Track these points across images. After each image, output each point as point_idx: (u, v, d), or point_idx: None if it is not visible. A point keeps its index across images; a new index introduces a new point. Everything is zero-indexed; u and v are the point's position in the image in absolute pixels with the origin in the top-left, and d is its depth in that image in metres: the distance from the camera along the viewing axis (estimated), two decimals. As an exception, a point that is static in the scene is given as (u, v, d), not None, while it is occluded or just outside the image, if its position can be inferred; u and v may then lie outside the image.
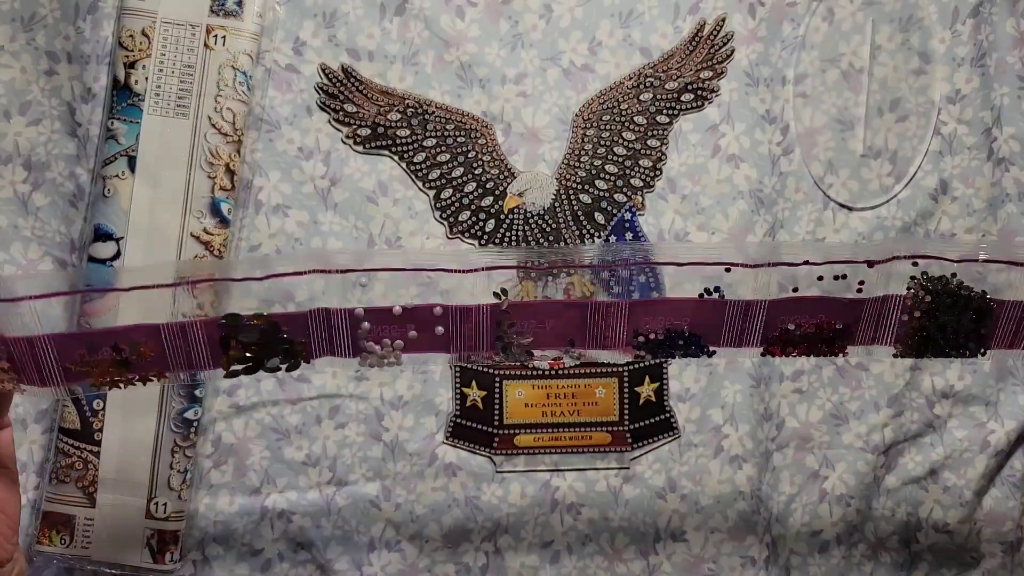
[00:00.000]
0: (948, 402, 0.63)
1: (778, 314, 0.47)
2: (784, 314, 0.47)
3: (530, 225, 0.59)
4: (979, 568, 0.64)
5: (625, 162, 0.59)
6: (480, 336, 0.47)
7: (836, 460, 0.62)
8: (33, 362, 0.45)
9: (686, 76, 0.59)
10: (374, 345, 0.47)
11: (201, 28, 0.55)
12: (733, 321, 0.47)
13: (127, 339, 0.46)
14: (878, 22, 0.61)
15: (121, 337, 0.46)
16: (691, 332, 0.47)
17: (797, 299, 0.47)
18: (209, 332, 0.46)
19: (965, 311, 0.48)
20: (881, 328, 0.48)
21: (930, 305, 0.47)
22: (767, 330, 0.47)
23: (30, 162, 0.56)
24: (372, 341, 0.47)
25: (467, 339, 0.48)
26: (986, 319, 0.48)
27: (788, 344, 0.47)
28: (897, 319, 0.48)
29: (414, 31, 0.58)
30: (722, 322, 0.47)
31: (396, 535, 0.59)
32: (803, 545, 0.62)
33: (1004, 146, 0.62)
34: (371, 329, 0.47)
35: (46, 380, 0.45)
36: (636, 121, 0.59)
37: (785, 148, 0.61)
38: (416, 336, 0.47)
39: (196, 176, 0.55)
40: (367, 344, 0.47)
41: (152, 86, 0.54)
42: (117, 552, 0.55)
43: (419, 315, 0.47)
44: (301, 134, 0.57)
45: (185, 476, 0.56)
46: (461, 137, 0.58)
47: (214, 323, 0.46)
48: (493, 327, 0.47)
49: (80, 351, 0.46)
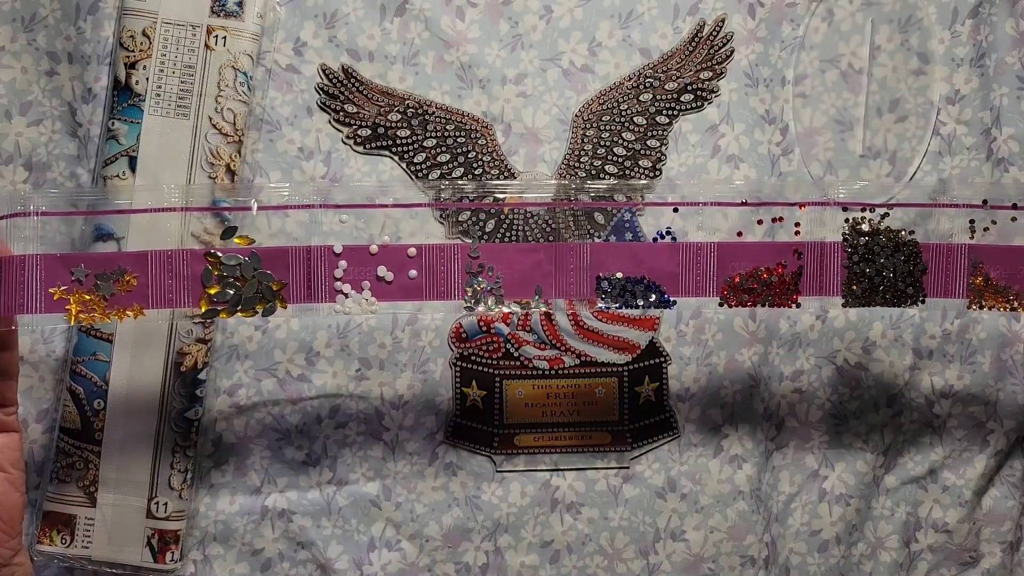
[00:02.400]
0: (948, 402, 0.63)
1: (728, 259, 0.50)
2: (734, 259, 0.50)
3: (530, 225, 0.59)
4: (978, 568, 0.64)
5: (625, 162, 0.59)
6: (451, 280, 0.49)
7: (836, 460, 0.62)
8: (20, 284, 0.44)
9: (686, 77, 0.59)
10: (350, 288, 0.49)
11: (202, 28, 0.55)
12: (687, 265, 0.50)
13: (114, 265, 0.46)
14: (877, 23, 0.61)
15: (108, 263, 0.46)
16: (650, 279, 0.50)
17: (743, 244, 0.51)
18: (193, 266, 0.47)
19: (897, 252, 0.50)
20: (826, 276, 0.51)
21: (865, 249, 0.50)
22: (719, 276, 0.50)
23: (31, 162, 0.57)
24: (348, 283, 0.49)
25: (440, 284, 0.49)
26: (918, 261, 0.51)
27: (742, 292, 0.50)
28: (840, 266, 0.51)
29: (414, 32, 0.58)
30: (678, 267, 0.50)
31: (396, 535, 0.59)
32: (802, 544, 0.62)
33: (1003, 146, 0.62)
34: (347, 268, 0.49)
35: (27, 306, 0.45)
36: (636, 121, 0.59)
37: (785, 148, 0.61)
38: (391, 278, 0.49)
39: (197, 176, 0.55)
40: (343, 287, 0.49)
41: (153, 86, 0.55)
42: (118, 552, 0.55)
43: (393, 255, 0.49)
44: (302, 134, 0.58)
45: (186, 476, 0.56)
46: (461, 137, 0.58)
47: (200, 255, 0.47)
48: (464, 272, 0.49)
49: (64, 275, 0.45)
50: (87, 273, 0.46)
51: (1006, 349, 0.63)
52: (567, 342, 0.59)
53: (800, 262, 0.51)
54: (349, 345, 0.58)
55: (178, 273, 0.47)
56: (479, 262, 0.50)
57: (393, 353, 0.59)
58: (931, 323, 0.62)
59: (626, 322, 0.60)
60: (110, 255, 0.48)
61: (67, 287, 0.46)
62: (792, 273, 0.51)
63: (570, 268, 0.50)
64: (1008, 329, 0.63)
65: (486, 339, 0.59)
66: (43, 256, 0.45)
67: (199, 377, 0.56)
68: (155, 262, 0.47)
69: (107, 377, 0.54)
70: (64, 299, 0.46)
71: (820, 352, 0.62)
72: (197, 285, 0.47)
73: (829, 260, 0.51)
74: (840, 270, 0.51)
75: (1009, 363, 0.64)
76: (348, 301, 0.49)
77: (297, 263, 0.48)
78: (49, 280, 0.45)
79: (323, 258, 0.49)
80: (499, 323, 0.59)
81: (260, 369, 0.58)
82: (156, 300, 0.47)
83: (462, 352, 0.59)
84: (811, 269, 0.51)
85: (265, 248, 0.48)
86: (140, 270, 0.47)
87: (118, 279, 0.46)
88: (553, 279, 0.50)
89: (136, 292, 0.46)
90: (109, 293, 0.46)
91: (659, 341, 0.60)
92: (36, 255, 0.46)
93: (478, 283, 0.50)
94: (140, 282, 0.46)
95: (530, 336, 0.59)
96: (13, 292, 0.45)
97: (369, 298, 0.49)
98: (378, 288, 0.49)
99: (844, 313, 0.61)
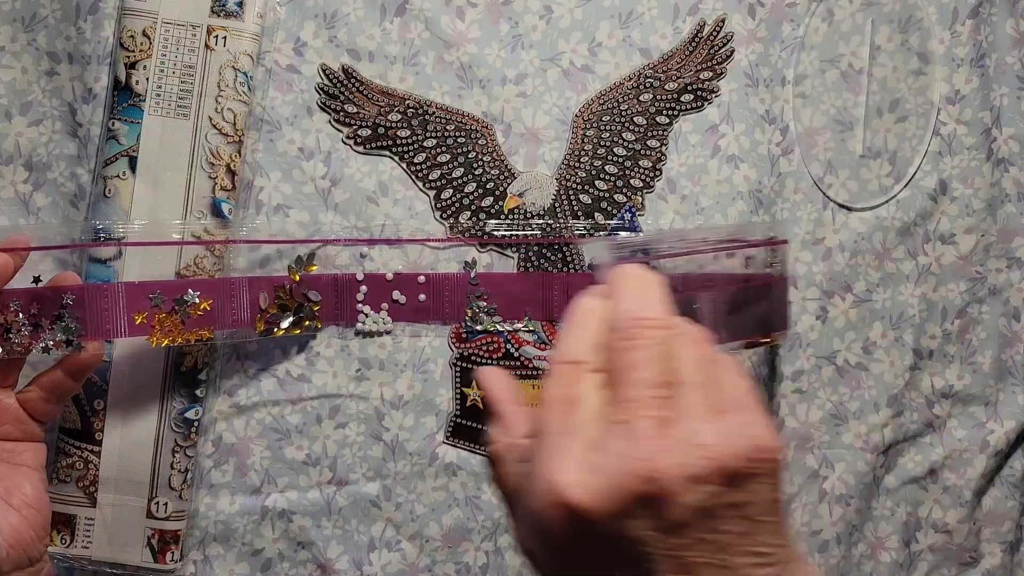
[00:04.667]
0: (948, 402, 0.63)
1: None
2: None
3: (530, 226, 0.59)
4: (978, 568, 0.64)
5: (625, 162, 0.59)
6: (454, 304, 0.58)
7: (836, 460, 0.62)
8: (105, 311, 0.47)
9: (686, 77, 0.59)
10: (369, 309, 0.58)
11: (202, 29, 0.55)
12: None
13: (185, 291, 0.50)
14: (877, 23, 0.61)
15: (181, 289, 0.50)
16: None
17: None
18: (252, 291, 0.54)
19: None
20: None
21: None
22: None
23: (31, 162, 0.57)
24: (368, 304, 0.58)
25: (446, 306, 0.58)
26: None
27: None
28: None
29: (414, 32, 0.58)
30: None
31: (396, 535, 0.59)
32: (803, 545, 0.62)
33: (1003, 147, 0.62)
34: (367, 292, 0.58)
35: (113, 331, 0.48)
36: (636, 122, 0.59)
37: (785, 148, 0.61)
38: (404, 301, 0.58)
39: (197, 176, 0.55)
40: (363, 308, 0.57)
41: (153, 86, 0.55)
42: (118, 552, 0.55)
43: (406, 281, 0.58)
44: (302, 134, 0.58)
45: (186, 476, 0.56)
46: (461, 138, 0.58)
47: (257, 281, 0.54)
48: (464, 296, 0.58)
49: (144, 301, 0.48)
50: (164, 299, 0.49)
51: (1006, 349, 0.63)
52: (567, 342, 0.59)
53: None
54: (349, 345, 0.58)
55: (239, 297, 0.53)
56: (478, 288, 0.58)
57: (393, 353, 0.59)
58: (931, 323, 0.62)
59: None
60: (181, 282, 0.52)
61: (147, 312, 0.49)
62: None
63: (553, 295, 0.58)
64: (1008, 329, 0.63)
65: (486, 339, 0.59)
66: (124, 284, 0.48)
67: (199, 377, 0.56)
68: (221, 288, 0.52)
69: (107, 377, 0.54)
70: (145, 324, 0.48)
71: (820, 352, 0.62)
72: (255, 308, 0.54)
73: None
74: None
75: (1009, 363, 0.64)
76: (368, 320, 0.58)
77: (328, 288, 0.57)
78: (131, 306, 0.48)
79: (349, 284, 0.58)
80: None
81: (260, 369, 0.58)
82: (222, 322, 0.52)
83: (462, 352, 0.59)
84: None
85: (304, 275, 0.57)
86: (211, 295, 0.51)
87: (193, 304, 0.50)
88: (537, 304, 0.59)
89: (207, 316, 0.50)
90: (185, 316, 0.49)
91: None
92: (117, 283, 0.49)
93: (478, 306, 0.58)
94: (213, 306, 0.51)
95: (530, 336, 0.59)
96: (99, 319, 0.47)
97: (385, 318, 0.58)
98: (393, 309, 0.58)
99: (844, 313, 0.61)
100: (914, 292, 0.62)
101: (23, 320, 0.45)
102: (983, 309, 0.63)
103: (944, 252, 0.62)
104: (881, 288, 0.62)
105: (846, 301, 0.61)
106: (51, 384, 0.47)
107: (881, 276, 0.62)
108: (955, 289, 0.62)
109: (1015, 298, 0.63)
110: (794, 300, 0.61)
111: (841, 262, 0.61)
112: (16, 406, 0.47)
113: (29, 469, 0.47)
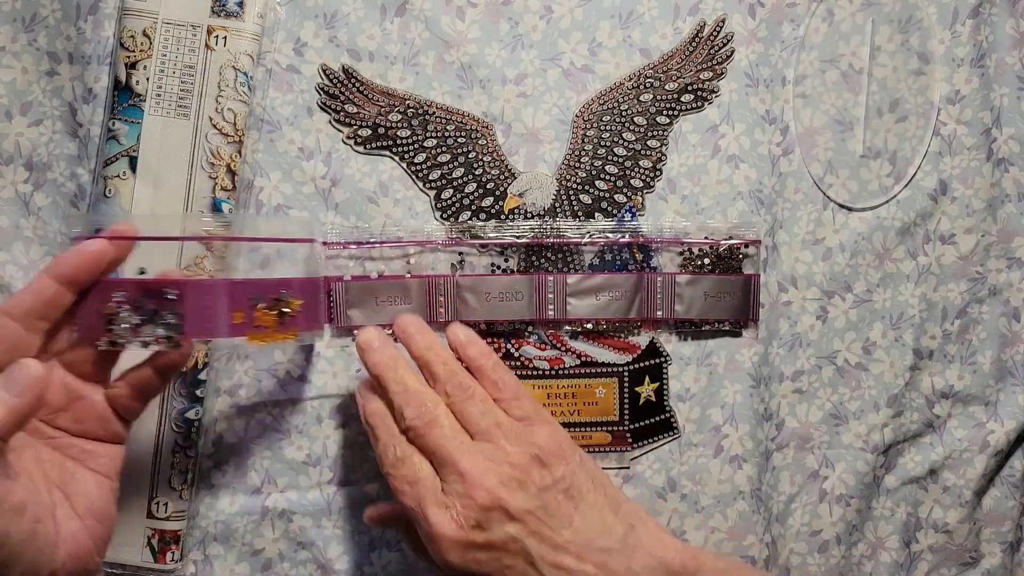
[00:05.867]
0: (948, 402, 0.63)
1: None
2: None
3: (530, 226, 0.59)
4: (978, 568, 0.64)
5: (625, 163, 0.59)
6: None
7: (836, 460, 0.62)
8: (207, 309, 0.45)
9: (686, 77, 0.59)
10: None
11: (202, 29, 0.55)
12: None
13: (278, 291, 0.49)
14: (877, 23, 0.61)
15: (274, 289, 0.49)
16: None
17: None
18: (325, 289, 0.54)
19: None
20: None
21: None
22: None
23: (31, 162, 0.57)
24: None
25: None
26: None
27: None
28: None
29: (415, 32, 0.58)
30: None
31: (396, 535, 0.59)
32: (803, 545, 0.62)
33: (1004, 147, 0.62)
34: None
35: (215, 330, 0.46)
36: (636, 122, 0.59)
37: (785, 149, 0.61)
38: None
39: (197, 176, 0.55)
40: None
41: (153, 86, 0.55)
42: (118, 551, 0.55)
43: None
44: (302, 134, 0.58)
45: (186, 476, 0.56)
46: (461, 138, 0.58)
47: (330, 280, 0.55)
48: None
49: (244, 300, 0.46)
50: (263, 298, 0.48)
51: (1006, 349, 0.63)
52: (567, 342, 0.59)
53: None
54: (349, 345, 0.58)
55: (322, 297, 0.53)
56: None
57: (393, 353, 0.59)
58: (931, 323, 0.62)
59: (626, 322, 0.60)
60: (276, 281, 0.50)
61: (245, 311, 0.47)
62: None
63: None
64: (1008, 329, 0.63)
65: (486, 339, 0.59)
66: (227, 282, 0.47)
67: (199, 377, 0.56)
68: (307, 287, 0.51)
69: (107, 377, 0.54)
70: (242, 323, 0.47)
71: (820, 352, 0.62)
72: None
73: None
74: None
75: (1009, 363, 0.64)
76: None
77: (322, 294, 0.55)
78: (232, 304, 0.46)
79: (338, 287, 0.56)
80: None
81: (260, 369, 0.58)
82: (306, 323, 0.51)
83: (462, 352, 0.59)
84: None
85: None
86: (302, 295, 0.50)
87: (288, 304, 0.49)
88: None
89: (297, 317, 0.49)
90: (282, 316, 0.49)
91: (659, 341, 0.60)
92: (220, 280, 0.48)
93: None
94: (303, 307, 0.50)
95: (530, 336, 0.59)
96: (200, 316, 0.45)
97: None
98: None
99: (844, 313, 0.62)
100: (914, 292, 0.62)
101: (127, 312, 0.43)
102: (983, 309, 0.63)
103: (944, 252, 0.62)
104: (881, 288, 0.62)
105: (846, 301, 0.62)
106: (140, 381, 0.45)
107: (881, 276, 0.62)
108: (955, 289, 0.62)
109: (1015, 298, 0.63)
110: (794, 300, 0.61)
111: (841, 262, 0.61)
112: (103, 403, 0.45)
113: (101, 476, 0.45)
